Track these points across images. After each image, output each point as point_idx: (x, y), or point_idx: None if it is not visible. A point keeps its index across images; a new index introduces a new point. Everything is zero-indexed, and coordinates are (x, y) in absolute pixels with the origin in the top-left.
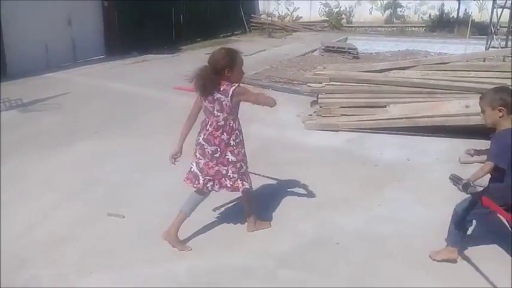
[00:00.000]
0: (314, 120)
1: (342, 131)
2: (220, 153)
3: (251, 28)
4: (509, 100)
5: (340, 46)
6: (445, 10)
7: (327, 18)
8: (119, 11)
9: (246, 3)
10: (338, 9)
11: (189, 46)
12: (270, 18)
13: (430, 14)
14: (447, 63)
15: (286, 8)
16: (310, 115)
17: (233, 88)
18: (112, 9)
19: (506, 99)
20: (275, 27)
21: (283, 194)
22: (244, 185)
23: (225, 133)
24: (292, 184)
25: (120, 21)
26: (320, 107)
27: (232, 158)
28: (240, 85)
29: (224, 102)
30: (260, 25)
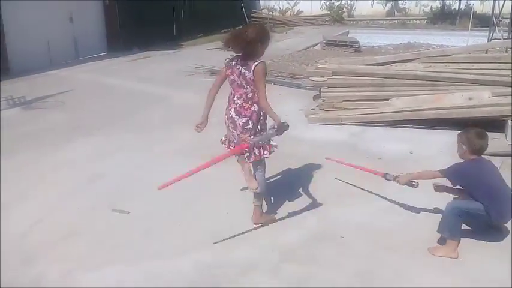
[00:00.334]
0: (317, 114)
1: (345, 125)
2: (252, 124)
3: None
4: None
5: (341, 40)
6: (447, 2)
7: (328, 12)
8: (120, 8)
9: None
10: (339, 2)
11: (190, 42)
12: (271, 12)
13: (432, 6)
14: (449, 55)
15: (287, 3)
16: (312, 109)
17: (255, 64)
18: (113, 6)
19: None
20: (276, 21)
21: (286, 188)
22: (264, 154)
23: (255, 104)
24: (295, 178)
25: (121, 18)
26: (323, 101)
27: (260, 128)
28: (261, 66)
29: (248, 76)
30: (261, 20)
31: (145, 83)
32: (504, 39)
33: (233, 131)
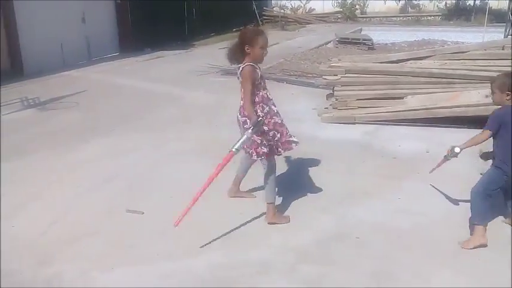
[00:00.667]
0: (330, 113)
1: (359, 124)
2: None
3: (264, 21)
4: (506, 82)
5: (354, 37)
6: None
7: (341, 9)
8: (132, 8)
9: None
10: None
11: (202, 41)
12: (283, 10)
13: (446, 2)
14: (465, 52)
15: (299, 0)
16: (326, 108)
17: (242, 67)
18: (125, 6)
19: None
20: (288, 19)
21: (301, 188)
22: (253, 156)
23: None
24: (309, 178)
25: (133, 18)
26: (336, 100)
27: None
28: (246, 68)
29: (239, 78)
30: (273, 18)
31: (157, 83)
32: None
33: (239, 129)
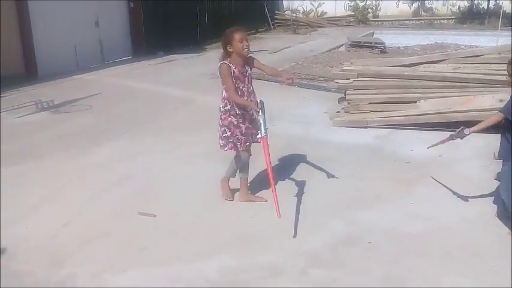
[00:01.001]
0: (342, 116)
1: (371, 128)
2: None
3: (275, 25)
4: None
5: (366, 41)
6: (475, 1)
7: (353, 12)
8: (145, 12)
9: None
10: (364, 3)
11: (214, 45)
12: (295, 14)
13: (459, 6)
14: (479, 55)
15: (310, 4)
16: (338, 112)
17: (219, 65)
18: (138, 10)
19: None
20: (300, 23)
21: (312, 192)
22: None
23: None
24: (321, 182)
25: (146, 21)
26: (348, 104)
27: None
28: (221, 66)
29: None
30: (284, 21)
31: (169, 86)
32: None
33: (241, 124)
